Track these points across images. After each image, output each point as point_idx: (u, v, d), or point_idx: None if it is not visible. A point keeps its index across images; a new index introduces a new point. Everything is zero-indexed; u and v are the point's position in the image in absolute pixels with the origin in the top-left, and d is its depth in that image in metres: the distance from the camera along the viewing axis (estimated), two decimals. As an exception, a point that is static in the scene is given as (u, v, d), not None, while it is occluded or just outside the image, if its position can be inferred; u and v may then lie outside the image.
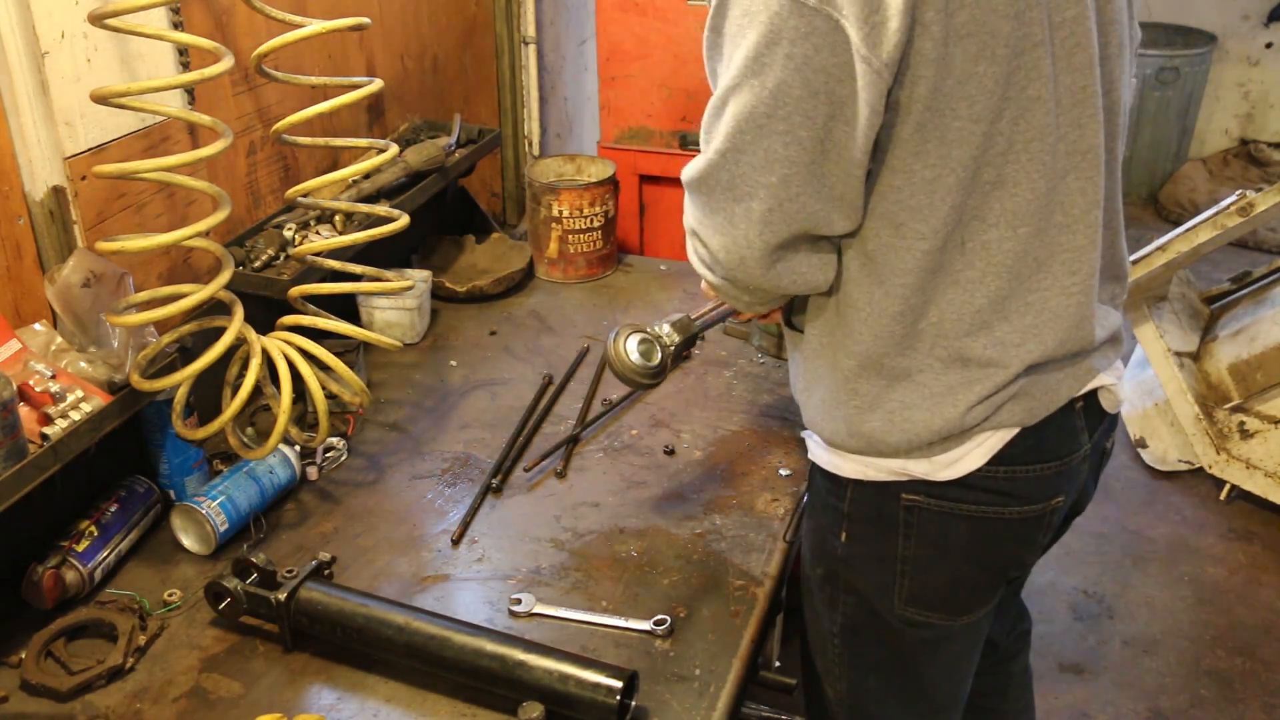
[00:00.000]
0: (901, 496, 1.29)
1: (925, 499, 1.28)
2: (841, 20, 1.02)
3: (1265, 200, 2.99)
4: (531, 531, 1.58)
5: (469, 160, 2.31)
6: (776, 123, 1.07)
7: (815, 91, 1.05)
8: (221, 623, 1.42)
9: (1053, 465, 1.29)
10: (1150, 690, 2.59)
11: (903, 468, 1.27)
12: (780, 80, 1.05)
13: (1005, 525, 1.30)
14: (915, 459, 1.26)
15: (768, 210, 1.13)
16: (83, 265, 1.49)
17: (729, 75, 1.10)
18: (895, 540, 1.31)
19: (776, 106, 1.07)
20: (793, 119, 1.07)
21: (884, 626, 1.38)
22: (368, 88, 1.68)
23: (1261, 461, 3.09)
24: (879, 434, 1.26)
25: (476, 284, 2.24)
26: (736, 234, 1.16)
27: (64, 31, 1.48)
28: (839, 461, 1.32)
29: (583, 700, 1.22)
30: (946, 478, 1.26)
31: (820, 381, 1.31)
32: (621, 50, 2.81)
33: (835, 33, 1.03)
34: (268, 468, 1.61)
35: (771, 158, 1.10)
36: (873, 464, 1.29)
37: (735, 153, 1.11)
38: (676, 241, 2.99)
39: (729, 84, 1.10)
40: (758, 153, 1.10)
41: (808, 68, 1.04)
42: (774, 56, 1.05)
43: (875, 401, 1.25)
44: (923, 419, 1.24)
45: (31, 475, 1.33)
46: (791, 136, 1.08)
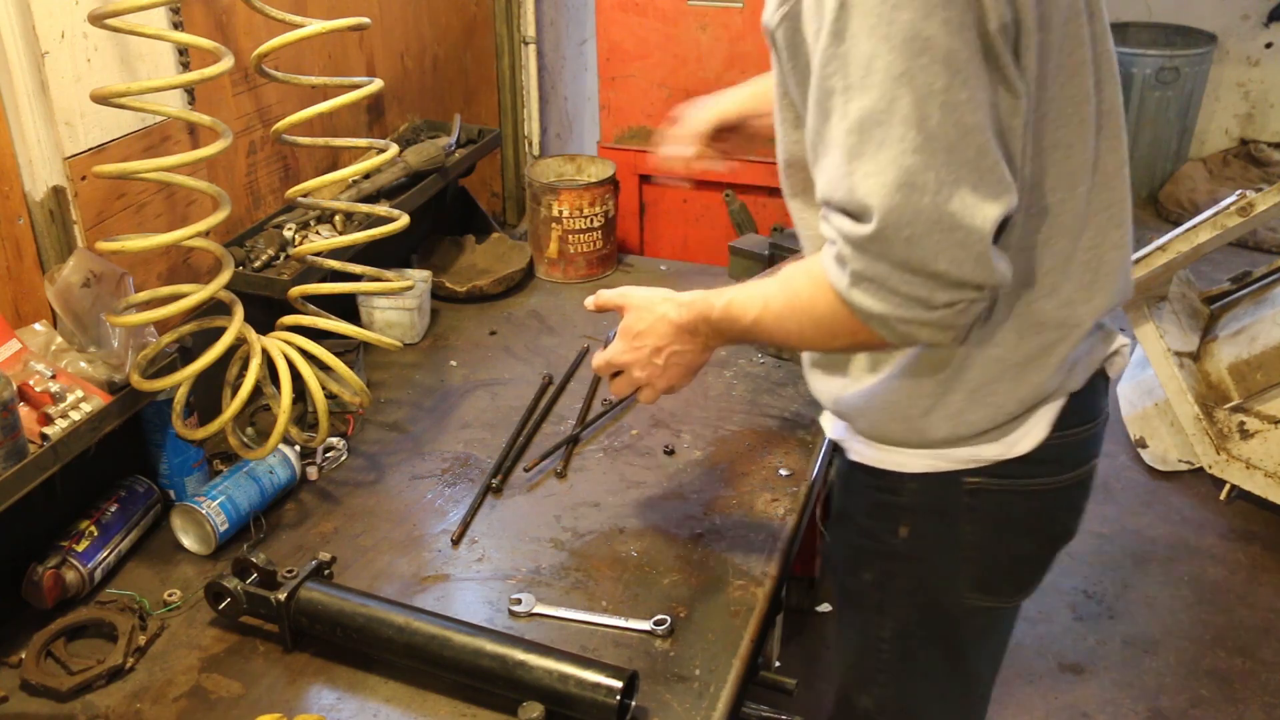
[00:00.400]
0: (964, 481, 1.29)
1: (987, 479, 1.28)
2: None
3: (1265, 200, 2.99)
4: (531, 531, 1.58)
5: (469, 160, 2.31)
6: (956, 91, 1.01)
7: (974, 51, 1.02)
8: (221, 623, 1.42)
9: (1089, 427, 1.31)
10: (1150, 690, 2.59)
11: (975, 455, 1.27)
12: (947, 48, 1.00)
13: (1058, 494, 1.32)
14: (989, 442, 1.27)
15: (974, 188, 1.04)
16: (83, 265, 1.49)
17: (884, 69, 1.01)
18: (959, 526, 1.31)
19: (952, 75, 1.01)
20: (969, 82, 1.02)
21: (942, 622, 1.38)
22: (368, 88, 1.68)
23: (1261, 461, 3.09)
24: (963, 416, 1.25)
25: (476, 284, 2.24)
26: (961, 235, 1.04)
27: (64, 31, 1.48)
28: (902, 459, 1.31)
29: (583, 700, 1.22)
30: (1016, 454, 1.27)
31: (882, 382, 1.28)
32: (621, 50, 2.81)
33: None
34: (268, 468, 1.61)
35: (964, 130, 1.02)
36: (944, 455, 1.28)
37: (930, 142, 1.02)
38: (676, 241, 2.99)
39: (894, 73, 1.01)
40: (950, 131, 1.02)
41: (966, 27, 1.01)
42: (931, 27, 0.99)
43: (955, 386, 1.24)
44: (1007, 389, 1.24)
45: (31, 475, 1.33)
46: (973, 101, 1.03)
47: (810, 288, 1.19)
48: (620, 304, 1.44)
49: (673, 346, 1.39)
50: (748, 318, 1.29)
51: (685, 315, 1.37)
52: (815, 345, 1.30)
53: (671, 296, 1.40)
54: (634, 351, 1.41)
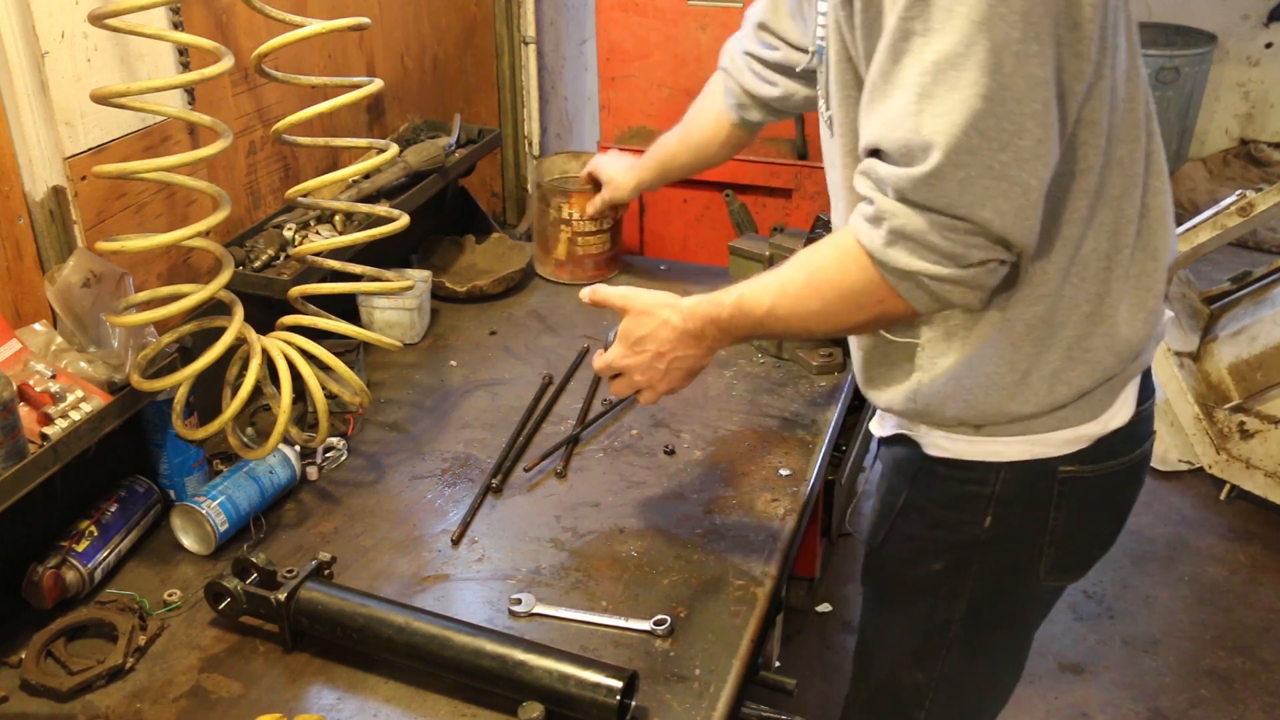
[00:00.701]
0: (1059, 470, 1.30)
1: (1080, 467, 1.30)
2: None
3: (1265, 200, 2.99)
4: (531, 531, 1.58)
5: (469, 160, 2.31)
6: (1029, 44, 1.04)
7: (1049, 8, 1.04)
8: (221, 623, 1.42)
9: (1151, 401, 1.35)
10: (1150, 690, 2.59)
11: (1074, 435, 1.29)
12: (1027, 3, 1.02)
13: (1130, 471, 1.36)
14: (1086, 421, 1.28)
15: (1035, 144, 1.07)
16: (83, 265, 1.49)
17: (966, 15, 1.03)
18: (1047, 512, 1.33)
19: (1026, 28, 1.03)
20: (1042, 38, 1.04)
21: (1014, 602, 1.40)
22: (368, 88, 1.68)
23: (1261, 461, 3.09)
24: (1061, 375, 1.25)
25: (476, 284, 2.24)
26: (1008, 188, 1.07)
27: (64, 31, 1.48)
28: (996, 448, 1.31)
29: (583, 700, 1.22)
30: (1112, 429, 1.29)
31: (966, 361, 1.27)
32: (621, 50, 2.81)
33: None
34: (268, 468, 1.61)
35: (1032, 83, 1.05)
36: (1041, 440, 1.29)
37: (1000, 90, 1.04)
38: (676, 241, 2.99)
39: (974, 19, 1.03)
40: (1019, 83, 1.04)
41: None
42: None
43: (1051, 343, 1.24)
44: (1102, 344, 1.25)
45: (31, 475, 1.33)
46: (1042, 57, 1.05)
47: (837, 257, 1.20)
48: (621, 306, 1.43)
49: (675, 352, 1.39)
50: (761, 308, 1.29)
51: (690, 322, 1.37)
52: (835, 323, 1.27)
53: (674, 302, 1.40)
54: (635, 356, 1.41)
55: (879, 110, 1.10)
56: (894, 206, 1.11)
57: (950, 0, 1.03)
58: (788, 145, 2.78)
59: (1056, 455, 1.30)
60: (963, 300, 1.15)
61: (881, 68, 1.09)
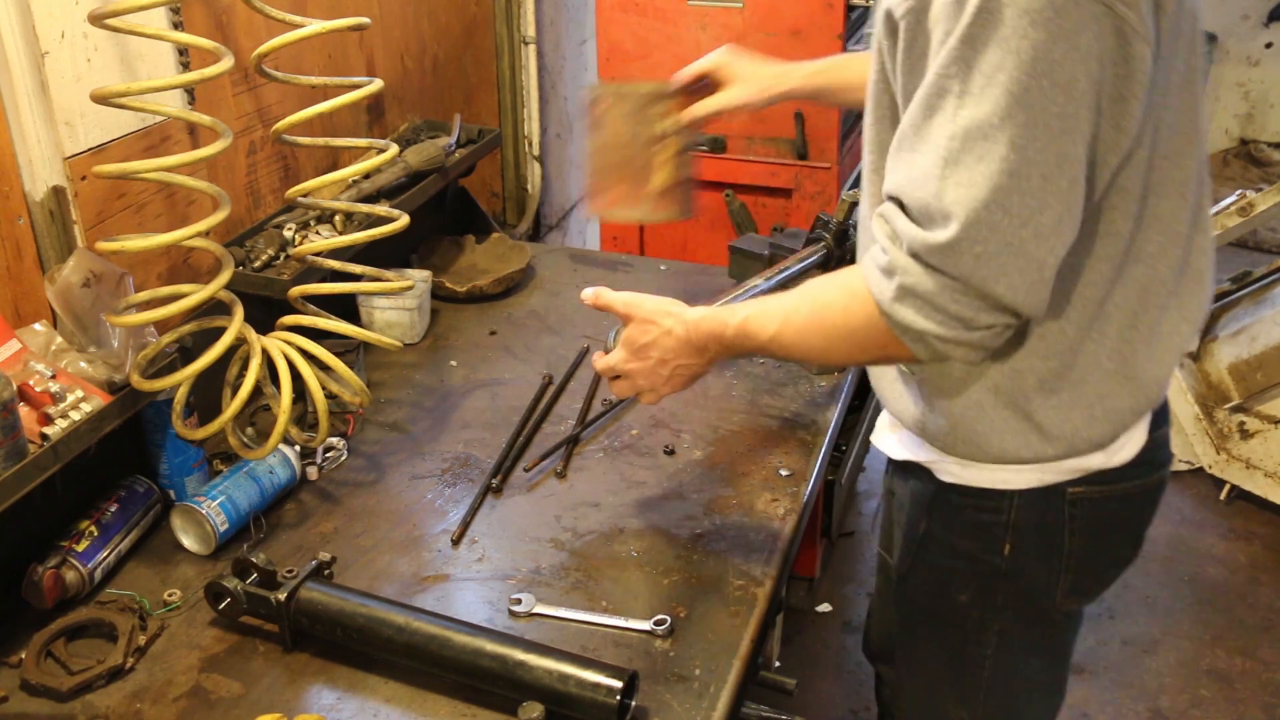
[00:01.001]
0: (1068, 492, 1.29)
1: (1089, 488, 1.29)
2: (1115, 5, 1.01)
3: (1265, 200, 2.99)
4: (531, 531, 1.58)
5: (469, 160, 2.31)
6: (1067, 120, 1.02)
7: (1094, 82, 1.03)
8: (221, 623, 1.41)
9: (1166, 427, 1.34)
10: (1150, 690, 2.59)
11: (1081, 464, 1.27)
12: (1069, 75, 1.01)
13: (1147, 494, 1.35)
14: (1096, 453, 1.26)
15: (1056, 220, 1.05)
16: (83, 265, 1.49)
17: (1006, 84, 1.01)
18: (1061, 537, 1.31)
19: (1067, 103, 1.02)
20: (1080, 114, 1.03)
21: (1043, 628, 1.39)
22: (368, 88, 1.68)
23: (1261, 461, 3.09)
24: (1080, 432, 1.24)
25: (476, 284, 2.24)
26: (1024, 264, 1.05)
27: (64, 31, 1.48)
28: (1007, 475, 1.29)
29: (583, 700, 1.22)
30: (1119, 463, 1.27)
31: (991, 399, 1.25)
32: (621, 50, 2.81)
33: (1109, 17, 1.01)
34: (268, 468, 1.61)
35: (1063, 160, 1.04)
36: (1050, 468, 1.27)
37: (1027, 167, 1.02)
38: (676, 241, 2.99)
39: (1013, 90, 1.01)
40: (1049, 159, 1.03)
41: (1090, 58, 1.02)
42: (1060, 51, 1.00)
43: (1072, 401, 1.23)
44: (1125, 405, 1.24)
45: (31, 475, 1.33)
46: (1079, 133, 1.04)
47: (844, 299, 1.19)
48: (624, 313, 1.43)
49: (678, 361, 1.40)
50: (765, 334, 1.29)
51: (694, 334, 1.37)
52: (837, 359, 1.31)
53: (677, 311, 1.40)
54: (638, 362, 1.42)
55: (905, 162, 1.09)
56: (907, 263, 1.09)
57: (992, 66, 1.01)
58: (788, 145, 2.78)
59: (1064, 480, 1.29)
60: (964, 358, 1.15)
61: (914, 119, 1.08)
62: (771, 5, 2.65)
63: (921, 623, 1.47)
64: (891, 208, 1.12)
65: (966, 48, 1.02)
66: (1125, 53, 1.03)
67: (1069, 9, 1.00)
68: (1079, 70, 1.01)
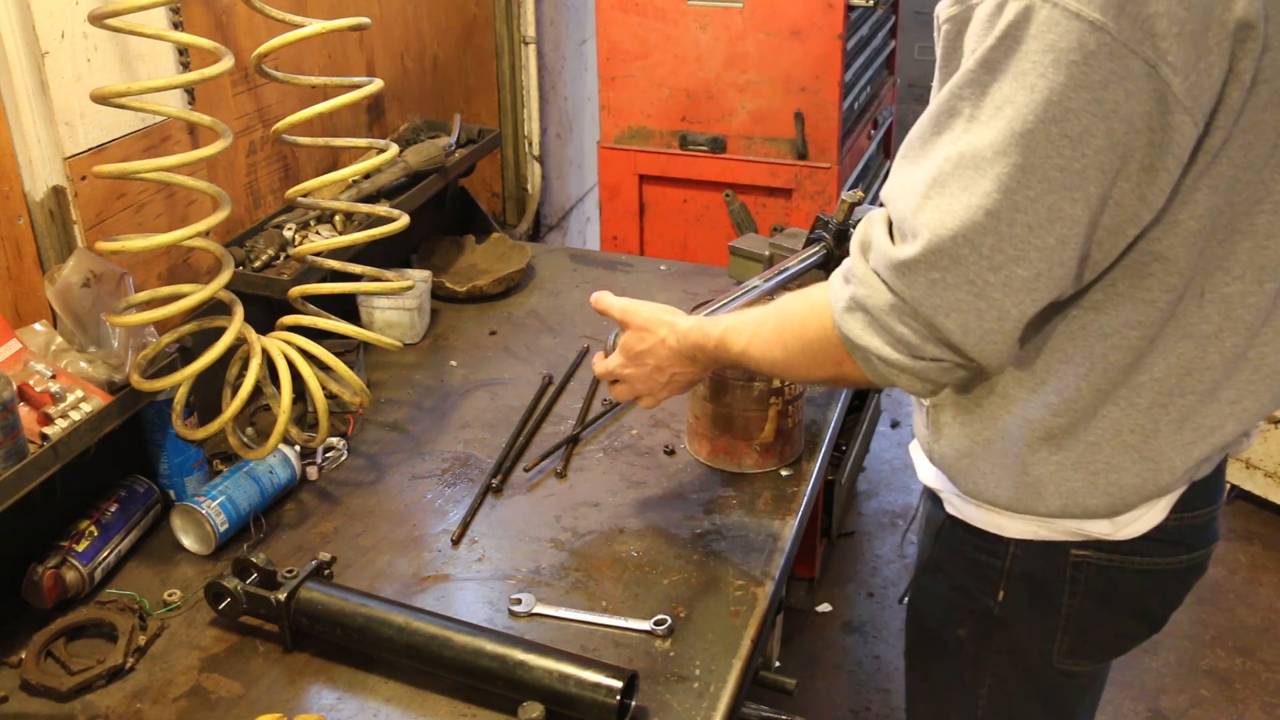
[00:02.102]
0: (1071, 553, 1.23)
1: (1095, 554, 1.22)
2: (1160, 66, 0.93)
3: None
4: (531, 531, 1.58)
5: (469, 160, 2.31)
6: (1071, 176, 0.96)
7: (1115, 143, 0.96)
8: (221, 623, 1.41)
9: (1211, 509, 1.25)
10: (1150, 690, 2.59)
11: (1081, 528, 1.20)
12: (1084, 128, 0.94)
13: (1172, 575, 1.25)
14: (1100, 520, 1.19)
15: (1034, 276, 1.00)
16: (83, 265, 1.49)
17: (1012, 119, 0.96)
18: (1060, 597, 1.25)
19: (1074, 158, 0.95)
20: (1088, 172, 0.96)
21: (1039, 682, 1.33)
22: (368, 88, 1.68)
23: (1261, 461, 3.09)
24: (1077, 496, 1.17)
25: (476, 284, 2.24)
26: (985, 308, 1.01)
27: (64, 31, 1.48)
28: (1003, 522, 1.24)
29: (583, 700, 1.22)
30: (1126, 536, 1.20)
31: (996, 441, 1.19)
32: (621, 50, 2.81)
33: (1150, 78, 0.93)
34: (268, 468, 1.61)
35: (1055, 216, 0.97)
36: (1047, 524, 1.21)
37: (1011, 211, 0.97)
38: (676, 241, 2.99)
39: (1015, 129, 0.95)
40: (1039, 210, 0.97)
41: (1114, 116, 0.94)
42: (1079, 101, 0.94)
43: (1077, 463, 1.16)
44: (1131, 483, 1.16)
45: (31, 475, 1.33)
46: (1082, 192, 0.97)
47: (804, 310, 1.19)
48: (620, 319, 1.47)
49: (673, 369, 1.43)
50: (738, 346, 1.31)
51: (684, 345, 1.40)
52: (798, 373, 1.27)
53: (671, 320, 1.42)
54: (635, 368, 1.46)
55: (902, 173, 1.06)
56: (865, 274, 1.07)
57: (1003, 97, 0.96)
58: (788, 145, 2.78)
59: (1066, 540, 1.23)
60: (910, 388, 1.10)
61: (923, 132, 1.05)
62: (771, 5, 2.65)
63: (926, 646, 1.45)
64: (878, 216, 1.09)
65: (984, 72, 0.98)
66: (1164, 121, 0.95)
67: (1100, 59, 0.92)
68: (1097, 126, 0.94)
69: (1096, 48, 0.92)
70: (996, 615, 1.30)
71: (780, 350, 1.23)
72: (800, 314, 1.19)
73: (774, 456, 1.69)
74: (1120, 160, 0.97)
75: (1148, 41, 0.92)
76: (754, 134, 2.79)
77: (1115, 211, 1.00)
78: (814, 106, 2.72)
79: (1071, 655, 1.30)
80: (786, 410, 1.66)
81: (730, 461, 1.69)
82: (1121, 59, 0.93)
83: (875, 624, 2.78)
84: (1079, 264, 1.03)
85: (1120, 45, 0.92)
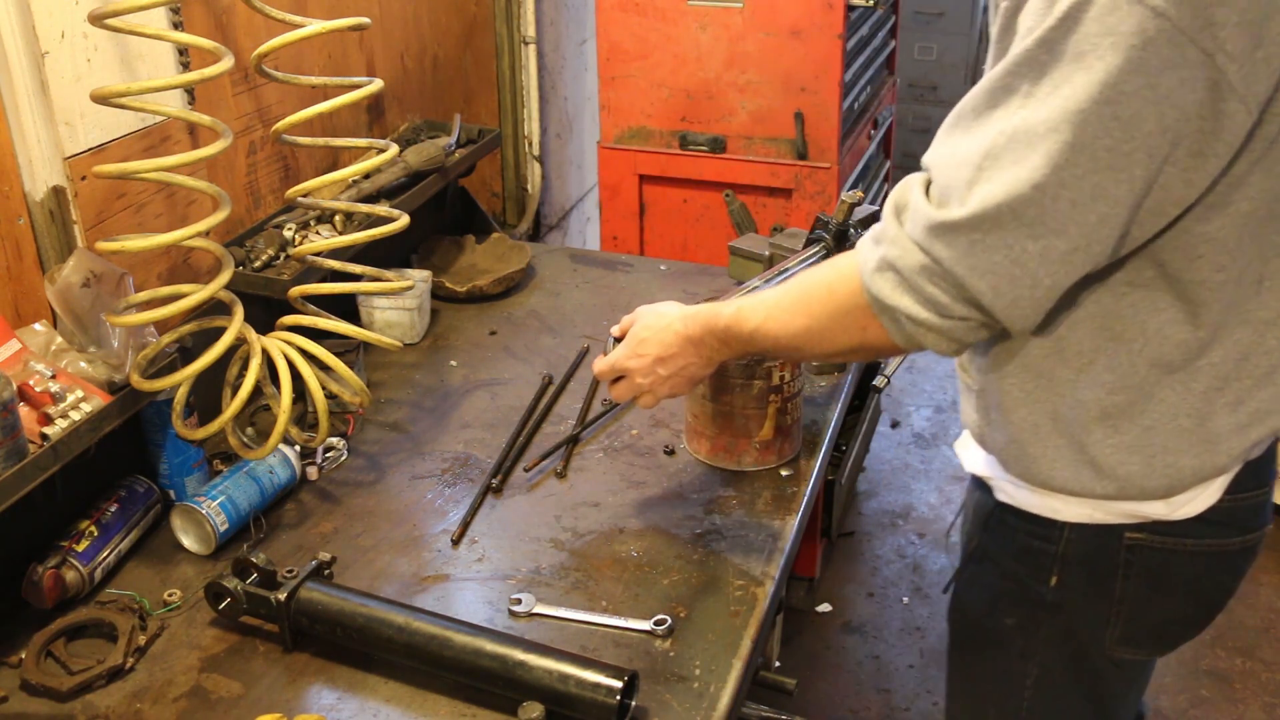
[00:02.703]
0: (1125, 536, 1.23)
1: (1150, 536, 1.22)
2: (1217, 55, 0.94)
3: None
4: (531, 531, 1.58)
5: (469, 160, 2.31)
6: (1118, 158, 0.98)
7: (1166, 128, 0.97)
8: (221, 623, 1.41)
9: (1264, 491, 1.25)
10: (1150, 690, 2.59)
11: (1136, 510, 1.21)
12: (1136, 112, 0.96)
13: (1225, 558, 1.26)
14: (1156, 501, 1.20)
15: (1070, 250, 1.02)
16: (83, 265, 1.49)
17: (1068, 98, 0.97)
18: (1114, 581, 1.25)
19: (1123, 140, 0.97)
20: (1135, 155, 0.98)
21: (1088, 671, 1.32)
22: (368, 88, 1.68)
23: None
24: (1134, 478, 1.18)
25: (476, 284, 2.24)
26: (1019, 275, 1.03)
27: (64, 31, 1.48)
28: (1058, 505, 1.24)
29: (583, 700, 1.22)
30: (1181, 516, 1.21)
31: (1049, 423, 1.20)
32: (621, 50, 2.81)
33: (1205, 67, 0.95)
34: (268, 468, 1.61)
35: (1098, 194, 1.00)
36: (1103, 506, 1.22)
37: (1057, 186, 0.99)
38: (676, 241, 2.99)
39: (1069, 107, 0.97)
40: (1084, 188, 0.99)
41: (1167, 102, 0.96)
42: (1134, 85, 0.95)
43: (1133, 445, 1.17)
44: (1189, 465, 1.17)
45: (31, 475, 1.33)
46: (1128, 174, 0.99)
47: (831, 276, 1.19)
48: (630, 319, 1.49)
49: (676, 359, 1.42)
50: (751, 323, 1.30)
51: (690, 327, 1.39)
52: (821, 343, 1.25)
53: (681, 309, 1.43)
54: (637, 358, 1.44)
55: (951, 141, 1.07)
56: (899, 235, 1.09)
57: (1061, 76, 0.98)
58: (788, 145, 2.78)
59: (1121, 523, 1.23)
60: (936, 347, 1.12)
61: (976, 104, 1.05)
62: (772, 5, 2.65)
63: (969, 637, 1.44)
64: (918, 181, 1.10)
65: (1043, 51, 0.99)
66: (1217, 108, 0.97)
67: (1159, 45, 0.94)
68: (1149, 111, 0.96)
69: (1156, 34, 0.94)
70: (1048, 601, 1.29)
71: (804, 318, 1.23)
72: (826, 280, 1.20)
73: (773, 454, 1.69)
74: (1169, 145, 0.99)
75: (1207, 30, 0.94)
76: (754, 134, 2.79)
77: (1159, 194, 1.02)
78: (814, 106, 2.72)
79: (1124, 642, 1.30)
80: (785, 408, 1.67)
81: (730, 460, 1.69)
82: (1179, 46, 0.94)
83: (875, 624, 2.78)
84: (1117, 241, 1.05)
85: (1179, 33, 0.93)
